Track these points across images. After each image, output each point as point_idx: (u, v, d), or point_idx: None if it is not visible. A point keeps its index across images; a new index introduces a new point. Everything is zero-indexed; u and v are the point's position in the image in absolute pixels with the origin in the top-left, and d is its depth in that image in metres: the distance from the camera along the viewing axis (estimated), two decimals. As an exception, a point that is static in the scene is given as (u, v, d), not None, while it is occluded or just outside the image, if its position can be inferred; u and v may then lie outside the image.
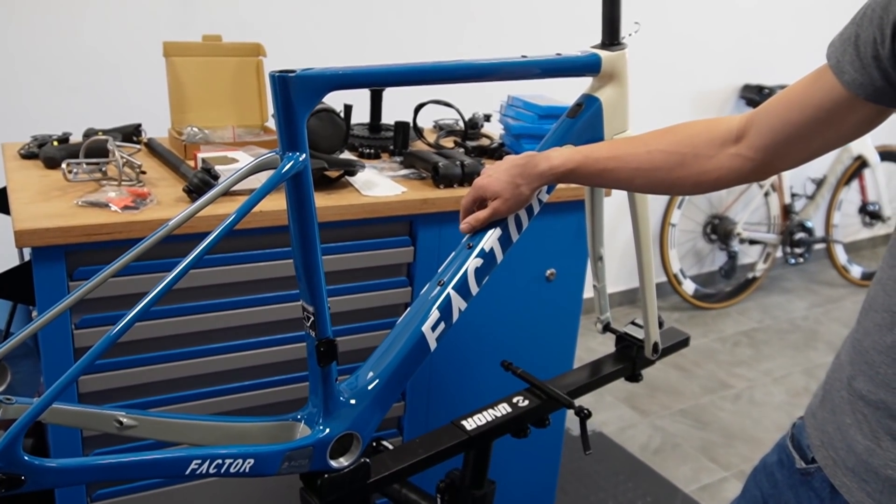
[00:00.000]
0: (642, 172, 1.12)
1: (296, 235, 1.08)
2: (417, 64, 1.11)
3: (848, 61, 0.89)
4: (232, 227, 1.02)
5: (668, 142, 1.11)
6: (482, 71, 1.16)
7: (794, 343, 3.58)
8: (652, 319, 1.55)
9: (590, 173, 1.17)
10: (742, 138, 1.03)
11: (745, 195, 3.84)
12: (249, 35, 2.33)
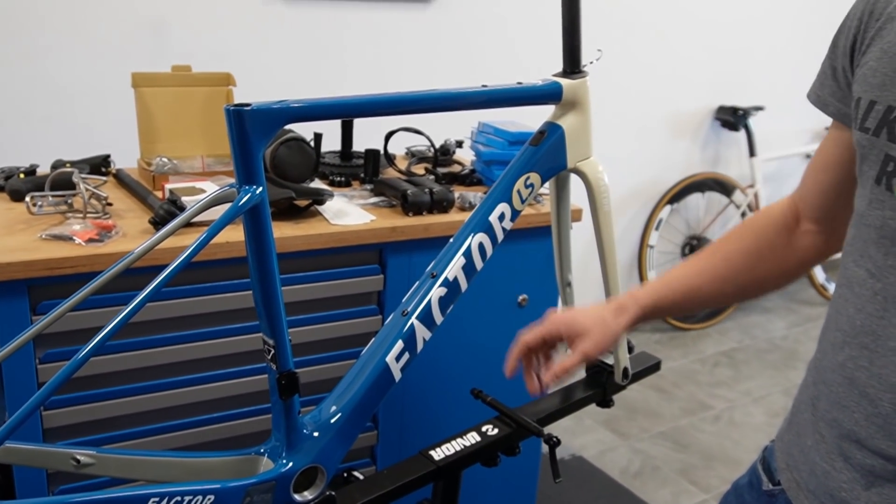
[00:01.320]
0: (728, 281, 1.10)
1: (254, 268, 1.08)
2: (375, 95, 1.11)
3: (829, 93, 0.93)
4: (189, 261, 1.02)
5: (738, 245, 1.11)
6: (440, 102, 1.17)
7: (773, 363, 3.59)
8: (621, 345, 1.55)
9: (675, 299, 1.14)
10: (800, 218, 1.06)
11: (722, 216, 3.86)
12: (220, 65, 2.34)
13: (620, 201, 3.58)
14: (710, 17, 3.48)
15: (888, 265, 0.83)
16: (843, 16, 0.92)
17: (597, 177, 1.40)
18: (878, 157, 0.83)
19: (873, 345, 0.85)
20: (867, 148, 0.85)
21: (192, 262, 1.02)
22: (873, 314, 0.85)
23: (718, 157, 3.83)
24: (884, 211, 0.83)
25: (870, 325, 0.85)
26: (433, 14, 2.80)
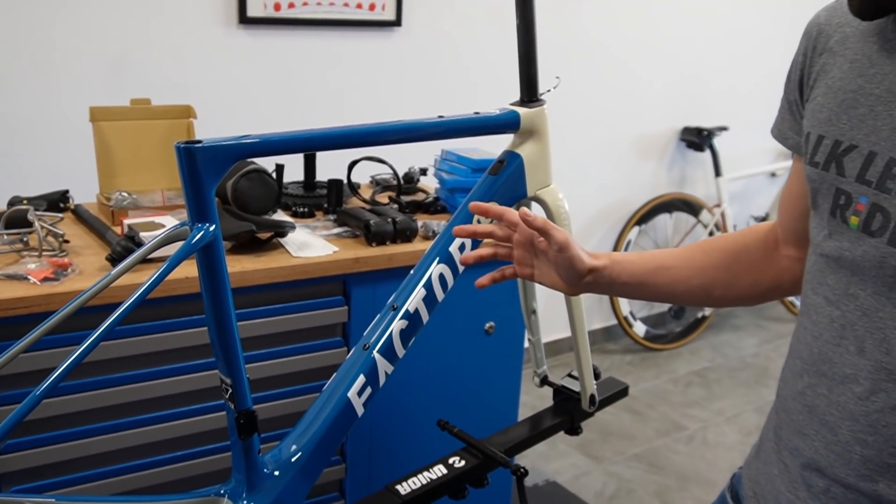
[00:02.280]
0: (700, 271, 1.08)
1: (209, 306, 1.06)
2: (329, 129, 1.10)
3: (788, 127, 0.95)
4: (143, 299, 1.00)
5: (718, 243, 1.09)
6: (395, 134, 1.16)
7: (745, 381, 3.60)
8: (587, 372, 1.54)
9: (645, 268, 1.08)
10: (779, 242, 1.06)
11: (690, 235, 3.89)
12: (182, 96, 2.32)
13: (589, 223, 3.59)
14: (673, 40, 3.52)
15: (845, 294, 0.83)
16: (809, 21, 0.93)
17: (557, 204, 1.39)
18: (829, 190, 0.85)
19: (830, 372, 0.85)
20: (818, 182, 0.87)
21: (150, 298, 1.00)
22: (830, 342, 0.85)
23: (685, 178, 3.86)
24: (841, 242, 0.84)
25: (827, 352, 0.86)
26: (398, 40, 2.81)
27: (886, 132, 0.79)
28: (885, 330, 0.80)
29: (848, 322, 0.83)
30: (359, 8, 2.71)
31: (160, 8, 2.37)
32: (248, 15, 2.52)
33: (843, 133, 0.83)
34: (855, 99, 0.83)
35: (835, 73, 0.86)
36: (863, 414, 0.82)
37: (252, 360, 1.62)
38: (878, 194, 0.79)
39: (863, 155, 0.81)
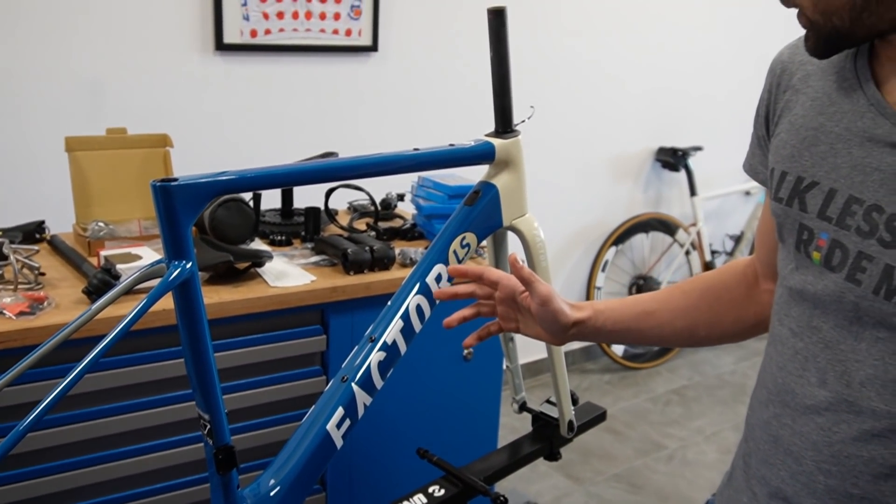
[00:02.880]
0: (683, 313, 1.09)
1: (186, 342, 1.06)
2: (305, 164, 1.11)
3: (758, 161, 0.98)
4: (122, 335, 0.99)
5: (698, 284, 1.10)
6: (372, 167, 1.17)
7: (723, 399, 3.63)
8: (564, 398, 1.55)
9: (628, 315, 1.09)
10: (759, 277, 1.07)
11: (667, 255, 3.92)
12: (158, 124, 2.32)
13: (566, 244, 3.61)
14: (648, 61, 3.56)
15: (808, 326, 0.85)
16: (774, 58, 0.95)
17: (533, 234, 1.41)
18: (793, 225, 0.87)
19: (794, 403, 0.87)
20: (782, 217, 0.89)
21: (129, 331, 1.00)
22: (793, 372, 0.87)
23: (661, 198, 3.89)
24: (805, 276, 0.86)
25: (790, 383, 0.88)
26: (375, 65, 2.83)
27: (845, 170, 0.81)
28: (845, 362, 0.82)
29: (810, 354, 0.85)
30: (335, 34, 2.72)
31: (136, 35, 2.37)
32: (224, 42, 2.53)
33: (805, 170, 0.85)
34: (816, 136, 0.85)
35: (797, 111, 0.88)
36: (826, 444, 0.84)
37: (231, 391, 1.62)
38: (838, 230, 0.81)
39: (824, 192, 0.83)
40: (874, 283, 0.78)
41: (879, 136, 0.79)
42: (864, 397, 0.81)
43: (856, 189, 0.80)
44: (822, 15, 0.79)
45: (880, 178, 0.78)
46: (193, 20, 2.46)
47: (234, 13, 2.52)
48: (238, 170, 1.06)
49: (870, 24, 0.77)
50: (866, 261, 0.79)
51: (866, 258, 0.79)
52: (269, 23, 2.59)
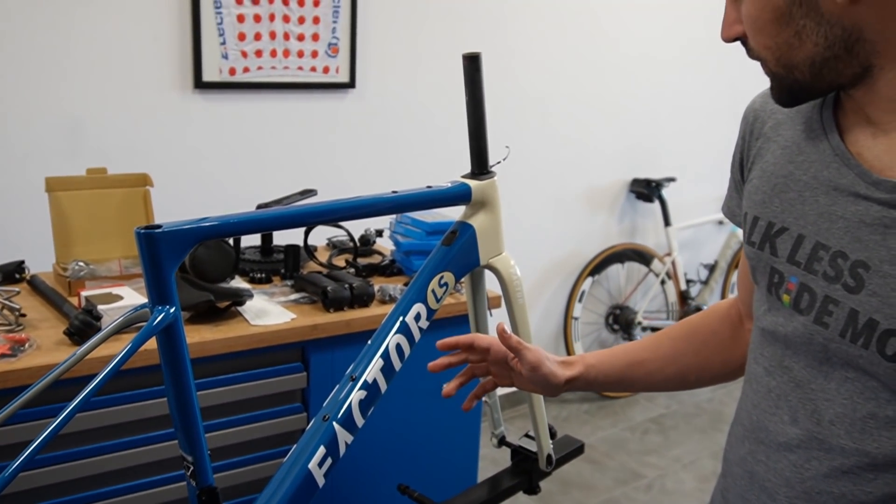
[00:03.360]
0: (671, 360, 1.13)
1: (170, 385, 1.08)
2: (287, 209, 1.14)
3: (735, 205, 1.02)
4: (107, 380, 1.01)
5: (684, 329, 1.14)
6: (353, 211, 1.20)
7: (700, 427, 3.66)
8: (542, 432, 1.58)
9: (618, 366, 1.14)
10: (742, 318, 1.11)
11: (642, 284, 3.97)
12: (138, 162, 2.34)
13: (543, 275, 3.65)
14: (620, 94, 3.63)
15: (780, 365, 0.89)
16: (745, 91, 0.99)
17: (509, 272, 1.44)
18: (765, 269, 0.90)
19: (768, 440, 0.90)
20: (755, 260, 0.92)
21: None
22: (767, 410, 0.90)
23: (635, 228, 3.95)
24: (776, 317, 0.89)
25: (764, 421, 0.91)
26: (353, 102, 2.87)
27: (813, 217, 0.84)
28: (815, 401, 0.85)
29: (783, 392, 0.88)
30: (313, 71, 2.77)
31: (115, 74, 2.40)
32: (203, 79, 2.56)
33: (775, 215, 0.89)
34: (786, 184, 0.88)
35: (768, 158, 0.92)
36: (798, 481, 0.86)
37: (213, 429, 1.63)
38: (806, 275, 0.85)
39: (793, 237, 0.86)
40: (840, 327, 0.81)
41: (843, 186, 0.82)
42: (834, 435, 0.83)
43: (822, 235, 0.83)
44: (784, 69, 0.82)
45: (845, 225, 0.81)
46: (172, 59, 2.49)
47: (212, 52, 2.55)
48: (221, 215, 1.09)
49: (830, 80, 0.81)
50: (832, 305, 0.82)
51: (832, 302, 0.82)
52: (248, 61, 2.63)
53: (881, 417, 0.80)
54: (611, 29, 3.50)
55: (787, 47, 0.80)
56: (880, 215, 0.78)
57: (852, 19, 0.75)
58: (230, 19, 2.56)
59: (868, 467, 0.82)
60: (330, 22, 2.75)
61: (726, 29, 0.86)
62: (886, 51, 0.76)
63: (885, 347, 0.78)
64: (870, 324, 0.78)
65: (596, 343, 3.95)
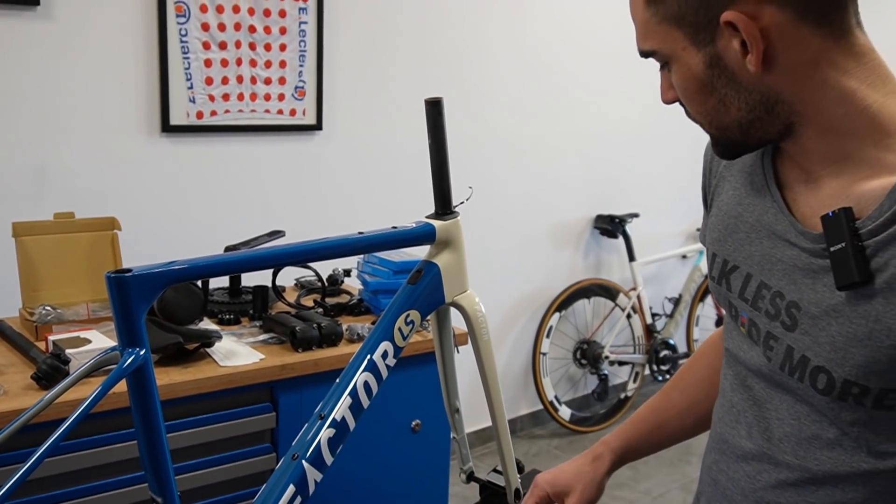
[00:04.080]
0: (688, 412, 1.18)
1: (140, 427, 1.09)
2: (255, 251, 1.16)
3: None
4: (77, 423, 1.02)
5: (691, 377, 1.20)
6: (318, 252, 1.22)
7: (669, 459, 3.69)
8: (510, 467, 1.60)
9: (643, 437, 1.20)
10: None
11: (609, 319, 4.02)
12: (106, 206, 2.35)
13: (511, 311, 3.69)
14: (583, 132, 3.71)
15: (742, 384, 0.97)
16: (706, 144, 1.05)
17: (474, 309, 1.47)
18: (724, 301, 0.98)
19: (729, 451, 0.98)
20: (716, 293, 1.00)
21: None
22: (728, 424, 0.99)
23: (601, 263, 4.01)
24: (739, 343, 0.97)
25: (725, 433, 0.99)
26: (320, 144, 2.90)
27: (758, 258, 0.91)
28: (768, 420, 0.92)
29: (742, 409, 0.96)
30: (280, 114, 2.81)
31: (83, 118, 2.41)
32: (171, 123, 2.58)
33: (728, 254, 0.96)
34: (736, 225, 0.95)
35: (724, 197, 0.99)
36: (751, 490, 0.94)
37: (182, 471, 1.63)
38: (753, 311, 0.92)
39: (742, 275, 0.94)
40: (780, 360, 0.89)
41: (779, 232, 0.89)
42: (781, 451, 0.91)
43: (765, 276, 0.90)
44: (717, 130, 0.90)
45: (783, 268, 0.88)
46: (140, 103, 2.52)
47: (180, 96, 2.59)
48: (190, 258, 1.11)
49: (759, 137, 0.88)
50: (773, 340, 0.89)
51: (773, 338, 0.89)
52: (215, 104, 2.66)
53: (823, 439, 0.87)
54: (573, 69, 3.59)
55: (715, 112, 0.87)
56: (808, 261, 0.85)
57: (767, 86, 0.82)
58: (197, 64, 2.60)
59: (810, 481, 0.89)
60: (296, 65, 2.80)
61: (663, 94, 0.93)
62: (804, 110, 0.83)
63: (816, 382, 0.84)
64: (803, 360, 0.85)
65: (564, 379, 3.98)
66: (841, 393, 0.83)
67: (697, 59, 0.84)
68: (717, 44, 0.82)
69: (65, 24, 2.34)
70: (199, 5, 2.56)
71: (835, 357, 0.82)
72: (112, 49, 2.43)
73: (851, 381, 0.81)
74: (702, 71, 0.84)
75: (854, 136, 0.82)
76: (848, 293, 0.80)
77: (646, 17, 0.86)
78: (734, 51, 0.81)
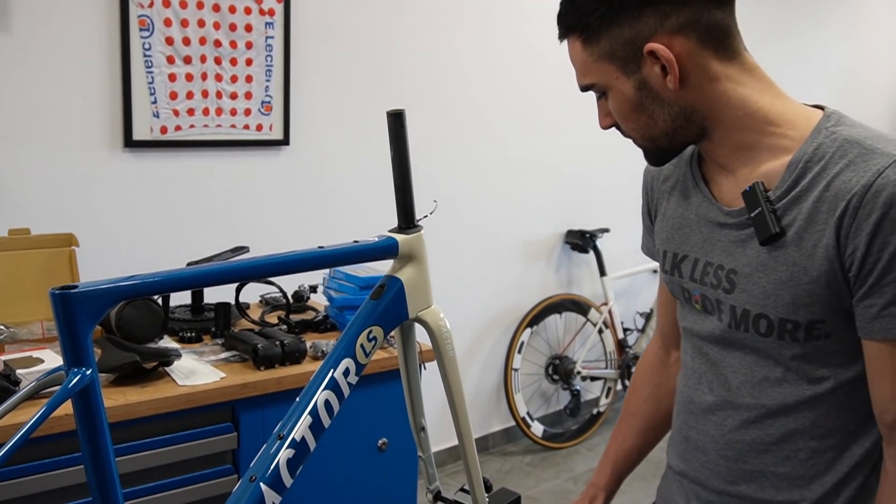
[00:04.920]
0: (644, 431, 1.39)
1: (87, 450, 1.04)
2: (208, 267, 1.13)
3: (651, 245, 1.30)
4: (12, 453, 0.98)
5: (637, 399, 1.40)
6: (275, 267, 1.19)
7: (642, 474, 3.64)
8: (477, 486, 1.56)
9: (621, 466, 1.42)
10: (669, 350, 1.38)
11: (580, 334, 4.01)
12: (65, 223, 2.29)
13: (483, 328, 3.66)
14: (553, 148, 3.71)
15: (699, 352, 1.17)
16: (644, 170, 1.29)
17: (438, 325, 1.44)
18: (677, 288, 1.19)
19: (696, 410, 1.18)
20: (670, 284, 1.21)
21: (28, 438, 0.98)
22: (692, 387, 1.19)
23: (572, 279, 4.00)
24: (694, 319, 1.17)
25: (690, 395, 1.19)
26: (287, 159, 2.87)
27: (700, 243, 1.14)
28: (725, 374, 1.14)
29: (702, 372, 1.17)
30: (246, 129, 2.77)
31: (41, 132, 2.36)
32: (134, 138, 2.54)
33: (678, 247, 1.18)
34: (680, 223, 1.18)
35: (666, 206, 1.22)
36: (720, 435, 1.14)
37: (140, 495, 1.58)
38: (702, 287, 1.13)
39: (691, 261, 1.15)
40: (728, 320, 1.10)
41: (712, 218, 1.12)
42: (740, 396, 1.12)
43: (708, 256, 1.12)
44: (649, 141, 1.11)
45: (721, 246, 1.11)
46: (102, 117, 2.47)
47: (143, 110, 2.54)
48: (141, 274, 1.07)
49: (682, 141, 1.10)
50: (721, 304, 1.11)
51: (721, 303, 1.11)
52: (180, 119, 2.62)
53: (772, 379, 1.09)
54: (542, 84, 3.59)
55: (646, 127, 1.08)
56: (736, 235, 1.08)
57: (684, 100, 1.05)
58: (161, 78, 2.56)
59: (766, 416, 1.10)
60: (263, 80, 2.77)
61: (601, 120, 1.13)
62: (713, 115, 1.06)
63: (759, 327, 1.06)
64: (745, 313, 1.07)
65: (537, 395, 3.96)
66: (779, 331, 1.05)
67: (628, 85, 1.05)
68: (643, 71, 1.03)
69: (24, 37, 2.29)
70: (163, 19, 2.52)
71: (768, 302, 1.04)
72: (73, 63, 2.39)
73: (785, 319, 1.03)
74: (633, 94, 1.05)
75: (752, 131, 1.05)
76: (769, 248, 1.03)
77: (584, 58, 1.07)
78: (656, 74, 1.03)
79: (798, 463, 1.10)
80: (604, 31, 1.04)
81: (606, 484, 1.40)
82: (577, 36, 1.07)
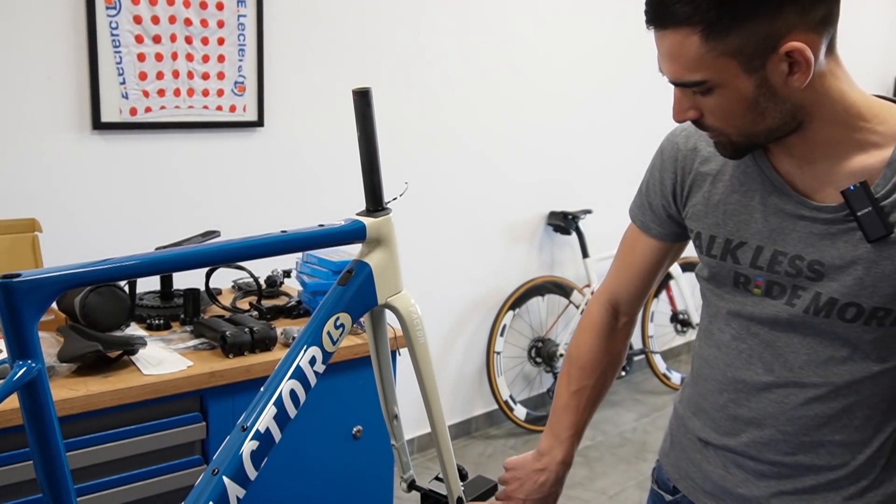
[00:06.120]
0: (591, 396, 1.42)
1: (35, 446, 1.00)
2: (165, 253, 1.08)
3: (650, 220, 1.29)
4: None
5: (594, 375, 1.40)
6: (237, 252, 1.14)
7: (625, 457, 3.66)
8: (452, 475, 1.53)
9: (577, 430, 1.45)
10: (618, 314, 1.39)
11: (563, 316, 3.98)
12: (31, 208, 2.23)
13: (465, 312, 3.63)
14: (535, 128, 3.66)
15: (748, 332, 1.18)
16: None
17: (409, 311, 1.40)
18: (728, 273, 1.18)
19: (747, 389, 1.19)
20: (717, 268, 1.19)
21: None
22: (741, 367, 1.19)
23: (554, 261, 3.97)
24: (744, 301, 1.17)
25: (740, 374, 1.19)
26: (261, 140, 2.81)
27: (767, 232, 1.13)
28: (785, 355, 1.15)
29: (754, 352, 1.17)
30: (219, 110, 2.70)
31: (5, 115, 2.30)
32: (102, 120, 2.47)
33: (731, 233, 1.17)
34: (736, 209, 1.16)
35: (710, 189, 1.19)
36: (780, 412, 1.16)
37: (106, 487, 1.54)
38: (770, 275, 1.13)
39: (752, 248, 1.15)
40: (804, 305, 1.11)
41: (789, 210, 1.11)
42: (806, 375, 1.14)
43: (777, 245, 1.12)
44: (744, 138, 1.07)
45: (798, 237, 1.11)
46: (69, 99, 2.40)
47: (111, 91, 2.47)
48: (91, 261, 1.02)
49: (781, 135, 1.07)
50: (801, 290, 1.11)
51: (801, 289, 1.11)
52: (150, 100, 2.55)
53: (837, 358, 1.12)
54: (524, 64, 3.53)
55: (750, 124, 1.05)
56: (823, 229, 1.09)
57: (798, 97, 1.02)
58: (130, 58, 2.49)
59: (834, 392, 1.13)
60: (236, 60, 2.70)
61: (680, 114, 1.07)
62: (814, 110, 1.04)
63: (845, 314, 1.08)
64: (831, 301, 1.09)
65: (520, 377, 3.93)
66: (867, 318, 1.07)
67: (748, 83, 1.00)
68: (767, 68, 0.99)
69: (-16, 15, 2.22)
70: (130, -3, 2.45)
71: (864, 293, 1.06)
72: (37, 42, 2.32)
73: (879, 307, 1.07)
74: (751, 92, 1.01)
75: (845, 126, 1.05)
76: (874, 244, 1.05)
77: (700, 53, 0.99)
78: (781, 72, 0.99)
79: (853, 430, 1.14)
80: (735, 27, 0.96)
81: (570, 439, 1.45)
82: (696, 29, 0.97)
